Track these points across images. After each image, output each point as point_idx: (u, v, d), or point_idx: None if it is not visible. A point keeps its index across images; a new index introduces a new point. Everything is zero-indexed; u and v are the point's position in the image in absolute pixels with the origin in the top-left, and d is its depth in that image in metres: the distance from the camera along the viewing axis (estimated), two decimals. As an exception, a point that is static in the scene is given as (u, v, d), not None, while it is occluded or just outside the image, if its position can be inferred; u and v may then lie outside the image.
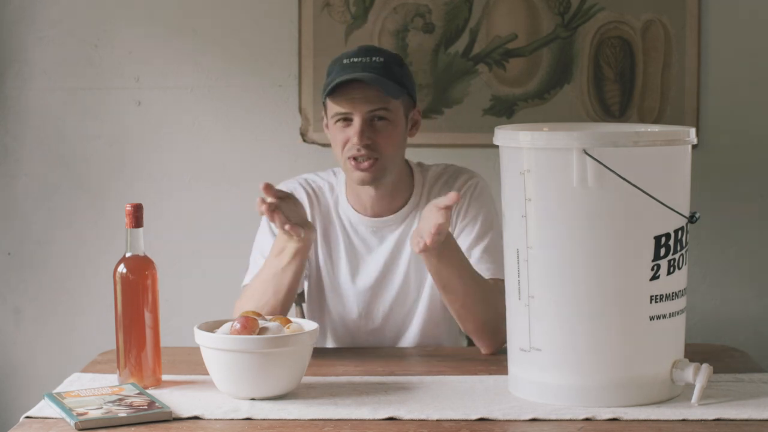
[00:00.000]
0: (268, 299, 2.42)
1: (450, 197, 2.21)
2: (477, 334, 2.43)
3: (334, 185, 2.62)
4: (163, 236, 3.24)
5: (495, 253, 2.51)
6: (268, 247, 2.54)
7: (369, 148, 2.46)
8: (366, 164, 2.47)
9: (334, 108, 2.49)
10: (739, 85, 3.21)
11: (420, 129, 2.61)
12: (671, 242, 2.05)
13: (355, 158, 2.47)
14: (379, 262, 2.58)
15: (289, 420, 1.99)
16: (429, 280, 2.57)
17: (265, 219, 2.60)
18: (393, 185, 2.56)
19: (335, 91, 2.47)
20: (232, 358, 2.06)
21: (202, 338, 2.10)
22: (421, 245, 2.25)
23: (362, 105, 2.46)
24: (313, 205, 2.60)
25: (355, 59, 2.50)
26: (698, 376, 2.05)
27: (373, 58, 2.49)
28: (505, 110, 3.21)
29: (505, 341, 2.27)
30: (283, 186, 2.63)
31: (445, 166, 2.65)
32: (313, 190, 2.62)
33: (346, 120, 2.48)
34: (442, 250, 2.34)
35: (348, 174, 2.52)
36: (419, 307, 2.59)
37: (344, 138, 2.48)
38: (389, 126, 2.48)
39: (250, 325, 2.07)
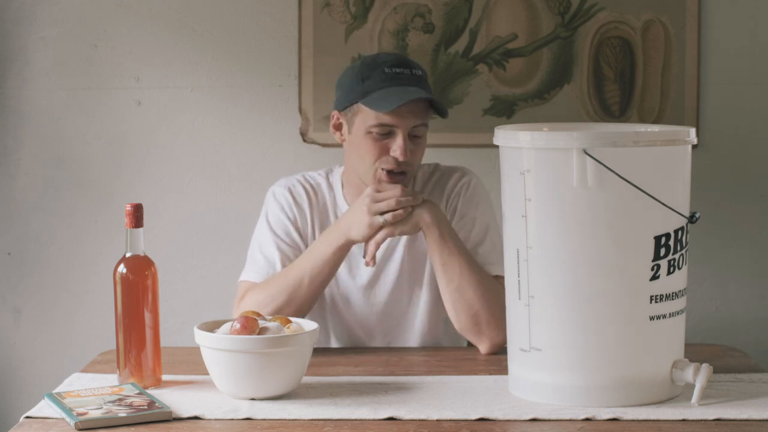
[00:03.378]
0: (302, 291, 2.43)
1: None
2: (471, 328, 2.42)
3: (333, 183, 2.63)
4: (163, 236, 3.24)
5: (494, 251, 2.52)
6: (267, 243, 2.54)
7: (406, 164, 2.47)
8: (399, 178, 2.48)
9: (377, 118, 2.45)
10: (739, 85, 3.21)
11: None
12: (671, 242, 2.05)
13: (388, 171, 2.47)
14: None
15: (289, 420, 1.99)
16: (426, 280, 2.58)
17: (263, 215, 2.60)
18: None
19: (383, 103, 2.44)
20: (232, 358, 2.06)
21: (202, 338, 2.10)
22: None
23: (409, 120, 2.45)
24: (312, 203, 2.60)
25: (398, 70, 2.47)
26: (698, 376, 2.05)
27: (414, 71, 2.49)
28: (505, 110, 3.21)
29: (504, 342, 2.28)
30: (282, 183, 2.63)
31: (435, 165, 2.65)
32: (311, 186, 2.62)
33: (382, 132, 2.47)
34: (442, 224, 2.39)
35: (369, 177, 2.50)
36: (418, 308, 2.59)
37: (380, 149, 2.46)
38: (422, 142, 2.51)
39: (250, 325, 2.07)
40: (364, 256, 2.45)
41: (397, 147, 2.45)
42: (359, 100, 2.47)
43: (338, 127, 2.55)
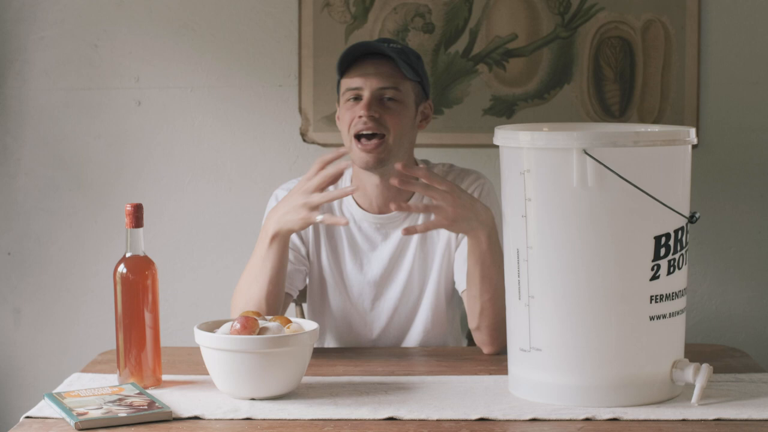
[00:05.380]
0: (253, 290, 2.41)
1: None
2: (489, 330, 2.42)
3: (338, 183, 2.62)
4: (163, 236, 3.24)
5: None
6: None
7: (375, 122, 2.46)
8: (371, 144, 2.47)
9: (346, 84, 2.51)
10: (739, 85, 3.21)
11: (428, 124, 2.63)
12: (671, 242, 2.05)
13: (360, 137, 2.47)
14: (384, 259, 2.58)
15: (289, 420, 1.99)
16: (433, 279, 2.58)
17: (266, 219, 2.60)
18: None
19: (350, 67, 2.48)
20: (232, 358, 2.06)
21: (202, 338, 2.10)
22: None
23: (374, 80, 2.48)
24: None
25: (374, 43, 2.53)
26: (698, 376, 2.05)
27: (391, 44, 2.53)
28: (505, 110, 3.21)
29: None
30: (286, 186, 2.63)
31: (450, 165, 2.65)
32: None
33: (357, 99, 2.49)
34: (491, 234, 2.36)
35: (353, 156, 2.51)
36: (422, 306, 2.59)
37: (352, 115, 2.48)
38: (398, 106, 2.49)
39: (250, 325, 2.07)
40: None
41: (360, 107, 2.47)
42: (337, 68, 2.53)
43: (339, 117, 2.57)
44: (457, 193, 2.31)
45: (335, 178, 2.33)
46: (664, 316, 2.06)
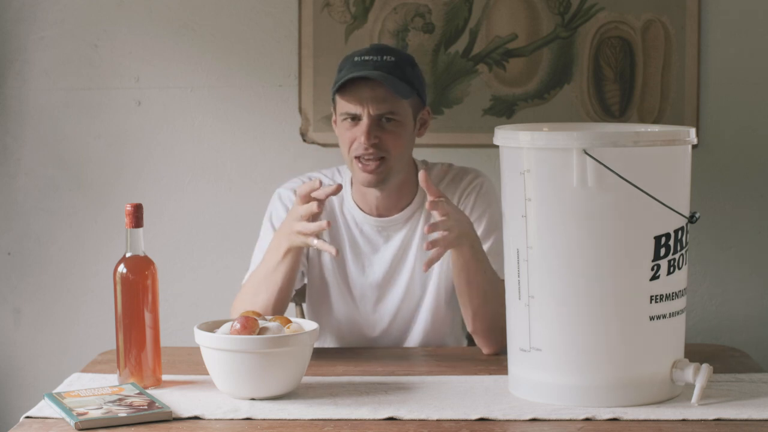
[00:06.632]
0: (261, 297, 2.42)
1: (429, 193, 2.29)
2: (486, 333, 2.43)
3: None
4: (163, 236, 3.24)
5: (499, 254, 2.51)
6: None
7: (376, 147, 2.46)
8: (372, 165, 2.47)
9: (343, 106, 2.49)
10: (739, 85, 3.21)
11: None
12: (671, 242, 2.05)
13: (361, 159, 2.47)
14: (386, 261, 2.58)
15: (289, 420, 1.99)
16: (433, 280, 2.58)
17: (267, 217, 2.60)
18: (399, 185, 2.56)
19: (345, 89, 2.47)
20: (232, 358, 2.06)
21: (202, 338, 2.10)
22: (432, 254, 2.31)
23: (371, 105, 2.46)
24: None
25: (367, 57, 2.50)
26: (698, 376, 2.05)
27: (385, 57, 2.49)
28: (505, 110, 3.21)
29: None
30: (288, 185, 2.63)
31: (449, 165, 2.65)
32: None
33: (354, 119, 2.48)
34: (474, 243, 2.37)
35: (354, 175, 2.52)
36: (423, 306, 2.59)
37: (351, 137, 2.48)
38: (397, 126, 2.48)
39: (250, 325, 2.07)
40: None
41: (359, 131, 2.46)
42: (332, 90, 2.51)
43: (335, 122, 2.57)
44: (452, 214, 2.32)
45: (317, 212, 2.32)
46: (664, 316, 2.06)
